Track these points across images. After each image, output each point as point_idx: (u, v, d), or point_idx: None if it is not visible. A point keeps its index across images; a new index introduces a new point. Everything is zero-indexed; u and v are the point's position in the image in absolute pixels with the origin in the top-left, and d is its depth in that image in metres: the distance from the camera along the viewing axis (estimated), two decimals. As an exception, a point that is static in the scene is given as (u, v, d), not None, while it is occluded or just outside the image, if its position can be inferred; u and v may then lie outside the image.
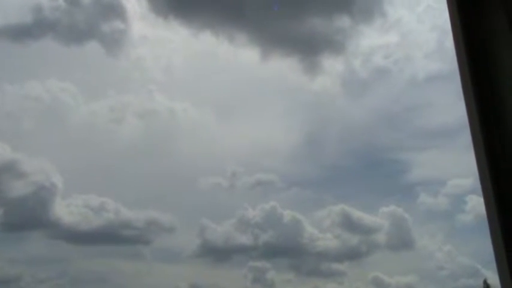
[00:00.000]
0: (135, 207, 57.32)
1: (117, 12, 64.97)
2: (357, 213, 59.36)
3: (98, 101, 68.28)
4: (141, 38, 69.99)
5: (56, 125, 66.29)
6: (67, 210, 54.58)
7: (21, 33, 61.64)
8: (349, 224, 59.98)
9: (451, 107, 72.33)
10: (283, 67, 67.11)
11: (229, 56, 68.53)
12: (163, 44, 73.83)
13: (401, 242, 58.68)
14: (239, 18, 58.82)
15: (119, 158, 65.31)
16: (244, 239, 58.23)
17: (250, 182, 63.65)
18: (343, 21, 62.08)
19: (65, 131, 65.36)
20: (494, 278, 44.36)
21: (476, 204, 60.15)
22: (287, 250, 57.76)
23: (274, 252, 57.79)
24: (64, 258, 56.36)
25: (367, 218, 59.61)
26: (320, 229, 59.75)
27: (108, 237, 56.05)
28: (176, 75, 75.77)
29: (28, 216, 51.88)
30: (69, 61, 68.95)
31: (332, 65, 68.11)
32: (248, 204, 59.80)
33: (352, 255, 58.90)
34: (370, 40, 69.42)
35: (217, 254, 58.21)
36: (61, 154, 59.27)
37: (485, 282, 43.28)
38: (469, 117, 1.69)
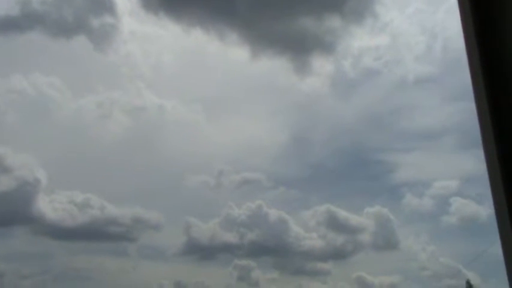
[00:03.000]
0: (121, 204, 56.96)
1: (106, 7, 64.46)
2: (343, 213, 59.71)
3: (85, 97, 67.64)
4: (130, 34, 69.52)
5: (41, 119, 65.62)
6: (51, 206, 54.09)
7: (8, 25, 60.94)
8: (334, 224, 60.33)
9: (437, 109, 73.08)
10: (273, 66, 67.25)
11: (220, 54, 68.42)
12: (153, 40, 73.47)
13: (386, 242, 59.18)
14: (230, 16, 58.75)
15: (106, 155, 64.91)
16: (230, 238, 58.24)
17: (237, 180, 63.62)
18: (334, 21, 62.39)
19: (51, 126, 64.79)
20: (475, 279, 45.02)
21: (460, 206, 60.89)
22: (272, 249, 57.92)
23: (259, 251, 57.92)
24: (48, 254, 56.04)
25: (352, 218, 59.98)
26: (306, 228, 59.99)
27: (93, 233, 55.72)
28: (165, 72, 75.44)
29: (11, 212, 51.30)
30: (56, 55, 68.37)
31: (322, 65, 68.34)
32: (234, 202, 59.94)
33: (336, 254, 59.24)
34: (361, 41, 69.71)
35: (203, 252, 58.20)
36: (46, 149, 58.80)
37: (468, 282, 43.82)
38: (479, 113, 1.65)
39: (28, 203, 52.21)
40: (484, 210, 59.33)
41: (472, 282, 44.24)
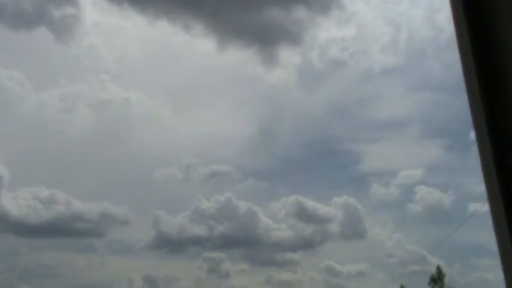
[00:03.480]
0: (88, 199, 55.99)
1: (68, -3, 63.06)
2: (311, 204, 60.52)
3: (48, 90, 66.18)
4: (93, 26, 68.26)
5: (1, 114, 63.86)
6: (15, 202, 52.74)
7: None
8: (303, 215, 61.08)
9: (401, 99, 74.51)
10: (240, 58, 67.30)
11: (186, 46, 68.01)
12: (117, 32, 72.30)
13: (354, 231, 60.27)
14: (196, 7, 58.09)
15: (70, 150, 63.47)
16: (199, 231, 58.15)
17: (205, 173, 63.44)
18: (301, 12, 62.73)
19: (12, 121, 62.86)
20: (440, 264, 46.26)
21: (425, 194, 62.52)
22: (242, 241, 58.23)
23: (229, 243, 58.11)
24: (13, 251, 54.62)
25: (320, 208, 60.84)
26: (274, 220, 60.58)
27: (59, 230, 54.66)
28: (130, 65, 74.26)
29: (-28, 210, 49.78)
30: (16, 47, 66.41)
31: (289, 56, 68.73)
32: (203, 195, 59.93)
33: (305, 244, 60.03)
34: (327, 32, 70.33)
35: (172, 245, 57.99)
36: (7, 145, 57.06)
37: (438, 268, 44.93)
38: (472, 109, 1.61)
39: (-10, 200, 50.82)
40: (448, 197, 61.25)
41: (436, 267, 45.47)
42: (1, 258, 53.27)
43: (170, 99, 69.76)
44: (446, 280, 44.26)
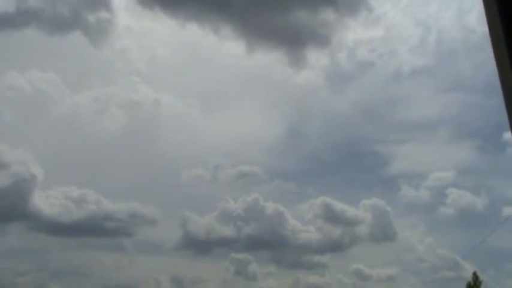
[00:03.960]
0: (118, 199, 56.81)
1: (102, 2, 64.30)
2: (339, 206, 59.83)
3: (82, 92, 67.40)
4: (126, 29, 69.25)
5: (38, 116, 65.32)
6: (47, 201, 53.99)
7: (4, 22, 60.46)
8: (331, 217, 60.47)
9: (431, 100, 73.08)
10: (269, 60, 67.09)
11: (215, 48, 68.26)
12: (149, 35, 73.06)
13: (383, 234, 59.41)
14: (225, 10, 58.51)
15: (102, 150, 64.69)
16: (227, 231, 58.30)
17: (233, 174, 63.60)
18: (328, 14, 62.33)
19: (47, 122, 64.48)
20: (473, 270, 45.05)
21: (457, 197, 61.19)
22: (269, 242, 57.97)
23: (256, 244, 57.99)
24: (44, 250, 55.82)
25: (349, 210, 60.12)
26: (302, 221, 60.11)
27: (90, 229, 55.66)
28: (161, 67, 75.06)
29: (7, 208, 51.10)
30: (52, 51, 67.83)
31: (317, 58, 68.42)
32: (231, 196, 60.03)
33: (334, 247, 59.44)
34: (355, 34, 69.70)
35: (199, 246, 58.27)
36: (42, 145, 58.49)
37: (474, 274, 43.75)
38: (508, 108, 1.60)
39: (24, 199, 52.21)
40: (481, 201, 59.80)
41: (470, 273, 44.26)
42: (33, 257, 54.40)
43: (199, 101, 70.25)
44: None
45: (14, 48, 65.38)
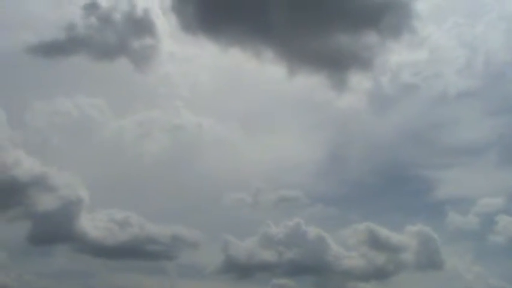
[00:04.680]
0: (160, 222, 57.44)
1: (147, 29, 66.01)
2: (383, 232, 58.26)
3: (126, 117, 69.36)
4: (169, 55, 70.70)
5: (84, 140, 67.31)
6: (92, 224, 55.08)
7: (54, 49, 63.05)
8: (375, 243, 58.86)
9: (478, 123, 70.98)
10: (310, 83, 66.72)
11: (257, 72, 68.67)
12: (191, 60, 74.57)
13: (429, 261, 57.18)
14: (266, 34, 58.87)
15: (145, 173, 65.61)
16: (268, 256, 57.61)
17: (274, 198, 63.06)
18: (371, 37, 61.54)
19: (93, 146, 66.30)
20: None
21: (507, 224, 58.53)
22: (311, 268, 56.82)
23: (298, 269, 56.86)
24: (89, 272, 56.59)
25: (393, 236, 58.42)
26: (345, 247, 58.72)
27: (133, 251, 56.39)
28: (203, 91, 76.32)
29: (55, 230, 52.38)
30: (99, 77, 70.20)
31: (359, 81, 67.53)
32: (272, 220, 59.45)
33: (378, 274, 57.62)
34: (399, 56, 68.87)
35: (241, 270, 57.63)
36: (88, 169, 59.92)
37: None
38: None
39: (70, 222, 53.46)
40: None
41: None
42: (77, 279, 55.32)
43: (241, 125, 70.85)
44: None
45: (62, 74, 68.39)
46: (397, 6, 60.25)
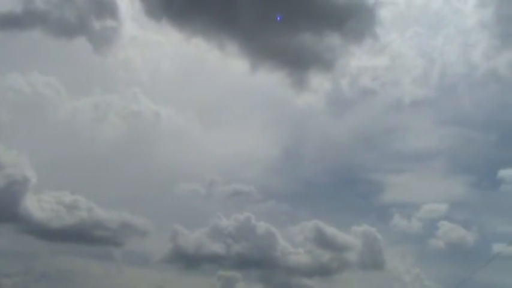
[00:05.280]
0: (110, 207, 56.58)
1: (109, 10, 64.78)
2: (330, 230, 59.49)
3: (81, 98, 67.66)
4: (131, 39, 69.68)
5: (35, 118, 65.34)
6: (39, 205, 53.72)
7: (9, 22, 60.80)
8: (321, 241, 60.13)
9: (429, 132, 73.29)
10: (271, 80, 67.28)
11: (219, 64, 68.72)
12: (154, 46, 73.73)
13: (372, 262, 58.93)
14: (232, 27, 59.10)
15: (98, 157, 64.56)
16: (216, 248, 57.77)
17: (227, 191, 63.44)
18: (334, 39, 62.70)
19: (45, 126, 64.62)
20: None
21: (448, 230, 61.01)
22: (258, 262, 57.56)
23: (245, 263, 57.54)
24: (32, 253, 55.25)
25: (339, 235, 59.75)
26: (293, 243, 59.77)
27: (79, 236, 55.27)
28: (163, 79, 75.64)
29: (-2, 209, 50.90)
30: (55, 55, 68.46)
31: (319, 82, 68.69)
32: (223, 213, 59.71)
33: (322, 271, 58.92)
34: (359, 61, 70.28)
35: (188, 260, 57.71)
36: (38, 149, 58.36)
37: None
38: None
39: (15, 201, 51.96)
40: (471, 235, 59.68)
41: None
42: (20, 260, 53.91)
43: (199, 116, 70.67)
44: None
45: (17, 49, 66.05)
46: (361, 12, 61.89)
